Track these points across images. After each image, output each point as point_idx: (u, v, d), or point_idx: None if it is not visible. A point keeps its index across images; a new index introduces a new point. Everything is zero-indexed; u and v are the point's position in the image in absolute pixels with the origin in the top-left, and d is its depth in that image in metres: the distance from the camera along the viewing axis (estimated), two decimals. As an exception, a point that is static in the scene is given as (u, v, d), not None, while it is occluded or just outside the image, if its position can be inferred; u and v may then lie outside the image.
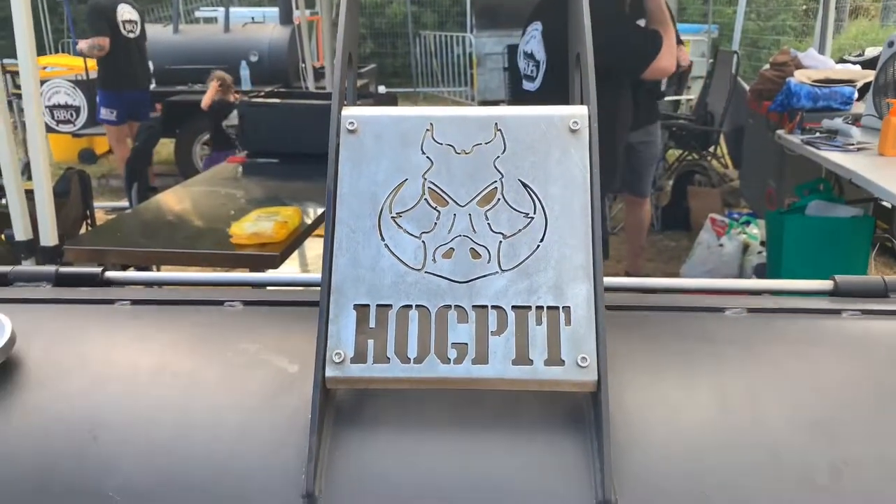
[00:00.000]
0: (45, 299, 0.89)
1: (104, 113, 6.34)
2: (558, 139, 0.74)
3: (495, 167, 0.74)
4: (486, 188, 0.74)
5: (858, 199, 3.85)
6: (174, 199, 3.38)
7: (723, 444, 0.70)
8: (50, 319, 0.85)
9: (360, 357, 0.70)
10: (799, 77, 4.21)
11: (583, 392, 0.70)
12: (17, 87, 11.07)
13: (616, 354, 0.74)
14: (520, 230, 0.73)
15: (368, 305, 0.71)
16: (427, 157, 0.74)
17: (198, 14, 10.56)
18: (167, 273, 1.00)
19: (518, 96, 4.53)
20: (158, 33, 7.33)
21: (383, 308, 0.71)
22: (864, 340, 0.83)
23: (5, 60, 12.74)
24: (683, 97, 7.80)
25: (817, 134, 3.53)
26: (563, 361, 0.69)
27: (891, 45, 3.66)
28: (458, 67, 13.13)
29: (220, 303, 0.89)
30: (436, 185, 0.74)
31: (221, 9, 10.99)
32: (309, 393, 0.69)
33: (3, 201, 3.21)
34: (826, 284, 0.91)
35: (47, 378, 0.77)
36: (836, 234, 3.56)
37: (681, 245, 5.64)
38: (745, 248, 4.62)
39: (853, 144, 3.38)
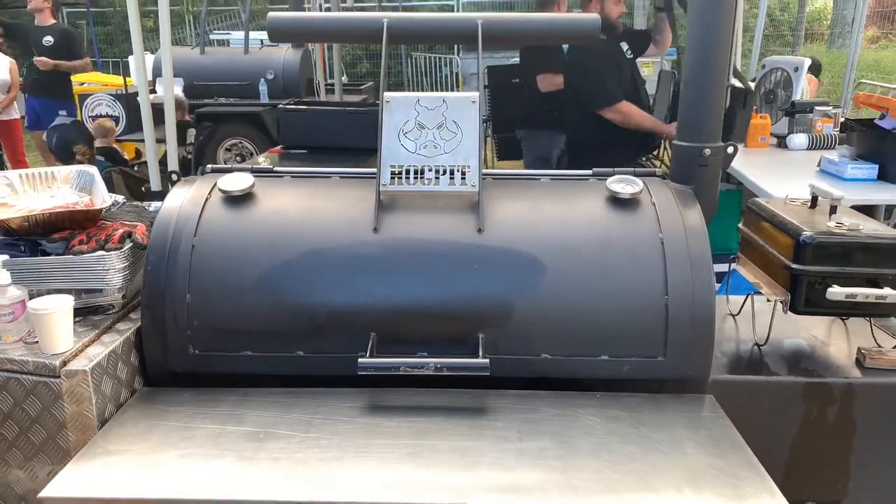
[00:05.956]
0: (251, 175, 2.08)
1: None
2: (467, 105, 1.95)
3: (443, 115, 1.95)
4: (439, 123, 1.94)
5: (732, 179, 5.06)
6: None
7: (527, 217, 1.91)
8: (256, 181, 2.03)
9: (393, 182, 1.90)
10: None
11: (473, 196, 1.90)
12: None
13: (489, 187, 1.94)
14: (452, 139, 1.93)
15: (394, 165, 1.92)
16: (416, 111, 1.95)
17: (212, 37, 11.82)
18: (302, 168, 2.20)
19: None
20: (187, 54, 8.50)
21: (401, 167, 1.92)
22: (593, 189, 2.03)
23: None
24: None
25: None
26: (467, 184, 1.90)
27: (763, 66, 4.91)
28: (445, 86, 14.50)
29: (329, 177, 2.10)
30: (421, 122, 1.94)
31: (232, 32, 12.32)
32: (372, 201, 1.89)
33: (136, 168, 4.43)
34: (589, 172, 2.12)
35: (267, 196, 1.97)
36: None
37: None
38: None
39: (729, 140, 4.61)
